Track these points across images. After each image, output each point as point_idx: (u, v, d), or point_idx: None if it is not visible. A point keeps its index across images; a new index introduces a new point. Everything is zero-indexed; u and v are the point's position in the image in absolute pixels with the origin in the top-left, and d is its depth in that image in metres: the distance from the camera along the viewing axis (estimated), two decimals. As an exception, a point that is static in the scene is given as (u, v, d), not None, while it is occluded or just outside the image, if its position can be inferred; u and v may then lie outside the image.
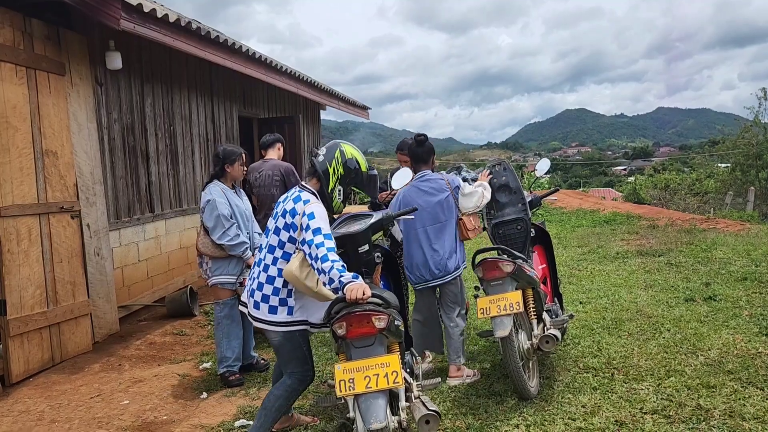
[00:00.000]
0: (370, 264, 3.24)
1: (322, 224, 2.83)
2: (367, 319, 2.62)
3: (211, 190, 4.28)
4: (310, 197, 2.99)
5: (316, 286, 2.88)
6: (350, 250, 3.15)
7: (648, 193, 24.18)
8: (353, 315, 2.62)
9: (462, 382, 4.14)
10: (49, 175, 4.80)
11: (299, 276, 2.84)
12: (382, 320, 2.62)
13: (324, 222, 2.85)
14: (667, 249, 8.56)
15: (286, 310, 3.06)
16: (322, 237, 2.77)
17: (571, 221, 12.55)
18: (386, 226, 3.44)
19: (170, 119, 6.91)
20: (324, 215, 2.90)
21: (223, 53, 6.53)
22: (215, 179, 4.38)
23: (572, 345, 4.78)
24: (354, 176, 3.14)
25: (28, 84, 4.61)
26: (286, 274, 2.89)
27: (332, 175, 3.07)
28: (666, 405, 3.61)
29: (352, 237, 3.16)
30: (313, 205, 2.92)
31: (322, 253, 2.74)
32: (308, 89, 9.69)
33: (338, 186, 3.09)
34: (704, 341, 4.63)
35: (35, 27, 4.72)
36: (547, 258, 4.75)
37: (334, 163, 3.08)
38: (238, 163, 4.38)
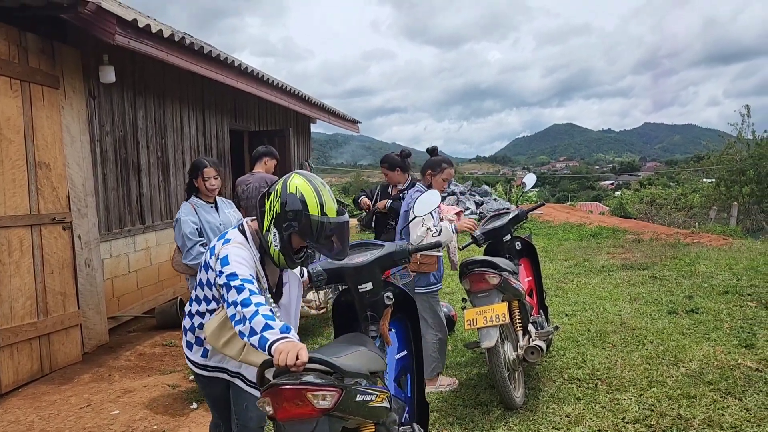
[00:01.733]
0: (378, 307, 2.64)
1: (238, 268, 2.16)
2: (300, 396, 1.84)
3: (180, 210, 4.20)
4: (234, 236, 2.35)
5: (240, 353, 2.29)
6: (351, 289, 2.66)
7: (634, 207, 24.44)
8: (280, 390, 1.85)
9: (438, 390, 4.25)
10: (42, 187, 4.84)
11: (216, 344, 2.31)
12: (327, 398, 1.86)
13: (241, 267, 2.18)
14: (651, 263, 8.70)
15: (201, 351, 2.52)
16: (239, 281, 2.12)
17: (558, 235, 12.69)
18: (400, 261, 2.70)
19: (162, 132, 6.98)
20: (244, 258, 2.23)
21: (216, 67, 6.62)
22: (192, 195, 4.31)
23: (557, 356, 4.86)
24: (293, 220, 2.24)
25: (23, 97, 4.67)
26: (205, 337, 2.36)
27: (267, 212, 2.31)
28: (647, 415, 3.70)
29: (350, 272, 2.62)
30: (233, 246, 2.27)
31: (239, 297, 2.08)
32: (298, 103, 9.80)
33: (273, 228, 2.29)
34: (686, 353, 4.74)
35: (30, 41, 4.79)
36: (533, 271, 4.84)
37: (272, 197, 2.31)
38: (200, 177, 4.20)
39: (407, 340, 2.84)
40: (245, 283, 2.12)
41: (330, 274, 2.66)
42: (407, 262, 2.71)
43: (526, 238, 4.87)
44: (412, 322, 2.85)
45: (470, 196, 15.30)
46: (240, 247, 2.28)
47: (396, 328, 2.81)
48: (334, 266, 2.63)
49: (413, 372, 2.84)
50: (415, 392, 2.83)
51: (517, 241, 4.69)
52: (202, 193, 4.25)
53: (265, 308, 2.04)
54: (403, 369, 2.80)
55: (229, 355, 2.31)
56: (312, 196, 2.25)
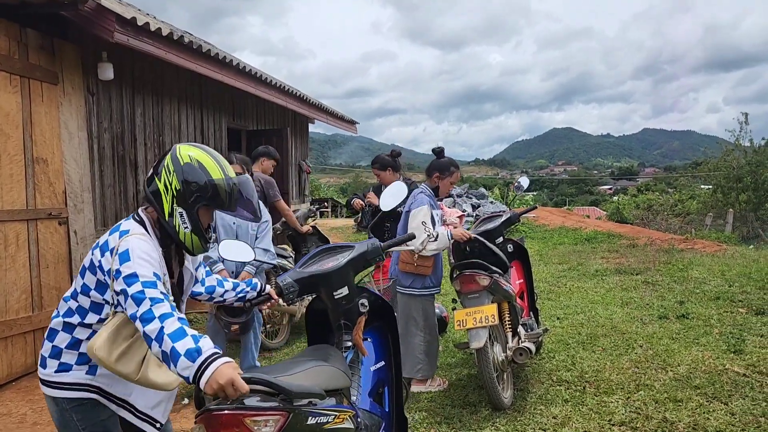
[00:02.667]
0: (352, 315, 2.44)
1: (140, 267, 1.84)
2: (238, 422, 1.63)
3: None
4: (133, 227, 1.99)
5: (138, 372, 1.92)
6: (325, 297, 2.45)
7: (631, 212, 24.55)
8: (215, 415, 1.64)
9: (427, 390, 4.29)
10: (39, 182, 4.87)
11: (106, 358, 1.86)
12: (270, 423, 1.66)
13: (144, 265, 1.85)
14: (645, 268, 8.76)
15: (57, 365, 2.04)
16: (140, 286, 1.80)
17: (553, 239, 12.75)
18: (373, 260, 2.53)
19: (160, 129, 7.01)
20: (149, 254, 1.90)
21: (214, 66, 6.66)
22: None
23: (547, 359, 4.91)
24: (199, 191, 1.98)
25: (22, 92, 4.70)
26: (89, 352, 1.90)
27: (164, 193, 1.99)
28: (633, 417, 3.75)
29: (324, 278, 2.41)
30: (135, 239, 1.92)
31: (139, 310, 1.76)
32: (297, 103, 9.83)
33: (177, 209, 1.99)
34: (674, 357, 4.79)
35: (30, 37, 4.82)
36: (524, 273, 4.89)
37: (164, 175, 1.99)
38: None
39: (386, 350, 2.60)
40: (146, 288, 1.79)
41: (302, 285, 2.42)
42: (381, 260, 2.55)
43: (518, 240, 4.92)
44: (391, 332, 2.62)
45: (467, 198, 15.34)
46: (142, 239, 1.94)
47: (373, 338, 2.58)
48: (305, 275, 2.42)
49: (392, 385, 2.60)
50: (393, 406, 2.58)
51: (509, 243, 4.74)
52: None
53: (171, 321, 1.73)
54: (380, 381, 2.57)
55: (125, 372, 1.90)
56: (209, 159, 2.02)
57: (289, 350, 5.52)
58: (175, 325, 1.72)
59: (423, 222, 3.89)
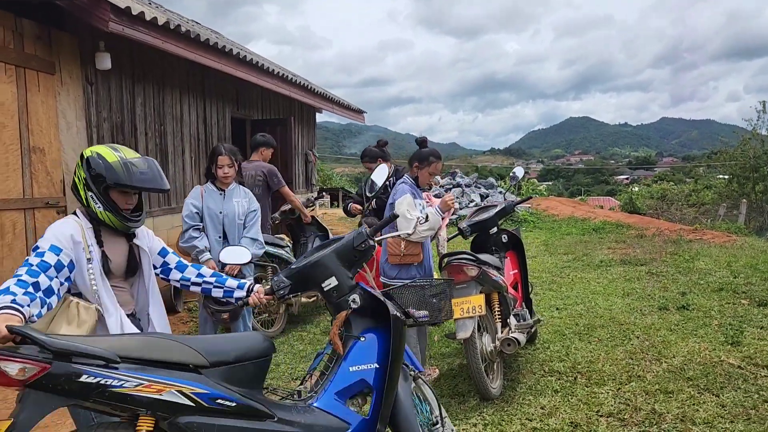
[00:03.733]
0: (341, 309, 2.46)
1: (40, 242, 2.24)
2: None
3: (191, 192, 4.41)
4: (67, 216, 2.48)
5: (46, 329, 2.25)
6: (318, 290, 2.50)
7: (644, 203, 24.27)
8: None
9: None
10: (36, 171, 4.92)
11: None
12: (26, 371, 1.73)
13: (45, 239, 2.25)
14: (650, 258, 8.66)
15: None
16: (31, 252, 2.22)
17: (561, 229, 12.65)
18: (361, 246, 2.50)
19: (161, 119, 7.04)
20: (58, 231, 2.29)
21: (214, 56, 6.66)
22: (209, 180, 4.47)
23: (542, 349, 4.89)
24: (105, 173, 2.33)
25: (17, 82, 4.74)
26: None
27: (78, 184, 2.41)
28: (622, 408, 3.72)
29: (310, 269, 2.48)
30: (55, 222, 2.40)
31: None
32: (301, 92, 9.83)
33: (88, 193, 2.37)
34: (670, 349, 4.74)
35: (26, 27, 4.85)
36: (519, 264, 4.85)
37: (76, 171, 2.43)
38: (213, 164, 4.40)
39: (384, 353, 2.48)
40: (32, 253, 2.20)
41: (294, 280, 2.46)
42: (372, 248, 2.52)
43: (513, 231, 4.89)
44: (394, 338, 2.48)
45: (476, 188, 15.27)
46: (62, 221, 2.38)
47: (372, 339, 2.49)
48: (294, 270, 2.47)
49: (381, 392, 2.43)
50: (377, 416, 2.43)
51: (504, 233, 4.71)
52: (217, 180, 4.35)
53: (10, 279, 2.05)
54: (361, 384, 2.44)
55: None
56: (106, 149, 2.39)
57: (284, 339, 5.54)
58: (6, 283, 2.04)
59: (407, 209, 3.86)
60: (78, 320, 2.29)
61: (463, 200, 14.25)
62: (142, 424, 1.95)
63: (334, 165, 73.49)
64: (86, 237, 2.37)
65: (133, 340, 2.06)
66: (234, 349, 2.24)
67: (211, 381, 2.09)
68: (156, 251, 2.62)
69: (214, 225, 4.37)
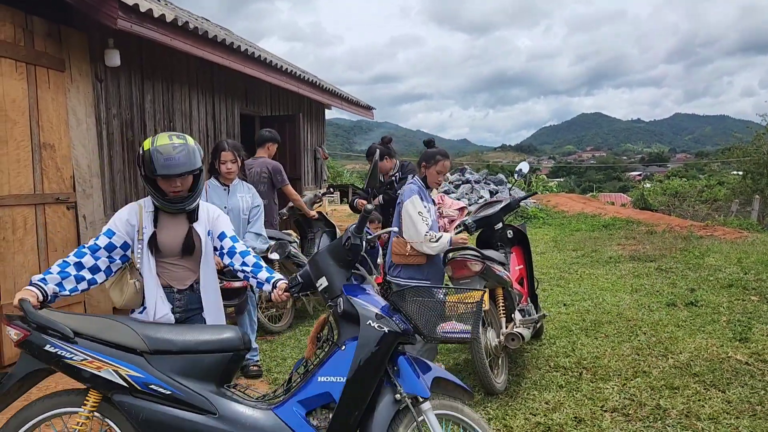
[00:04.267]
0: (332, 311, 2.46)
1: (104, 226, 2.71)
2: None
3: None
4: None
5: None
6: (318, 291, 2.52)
7: (656, 199, 24.10)
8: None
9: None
10: (46, 167, 4.98)
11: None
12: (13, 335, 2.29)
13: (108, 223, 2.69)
14: (660, 254, 8.62)
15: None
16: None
17: (570, 225, 12.61)
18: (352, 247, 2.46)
19: (170, 115, 7.09)
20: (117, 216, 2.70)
21: (222, 53, 6.69)
22: (212, 175, 4.51)
23: (547, 345, 4.89)
24: (141, 163, 2.61)
25: (28, 79, 4.79)
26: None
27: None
28: (627, 404, 3.72)
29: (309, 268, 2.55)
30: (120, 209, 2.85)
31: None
32: (310, 89, 9.84)
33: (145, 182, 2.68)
34: (677, 345, 4.73)
35: (36, 24, 4.90)
36: (525, 259, 4.85)
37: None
38: (216, 160, 4.44)
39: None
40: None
41: (304, 281, 2.52)
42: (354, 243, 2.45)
43: (519, 227, 4.88)
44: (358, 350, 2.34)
45: (485, 185, 15.23)
46: (125, 208, 2.76)
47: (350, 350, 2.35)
48: (304, 269, 2.56)
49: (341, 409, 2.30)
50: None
51: (509, 229, 4.70)
52: (221, 175, 4.40)
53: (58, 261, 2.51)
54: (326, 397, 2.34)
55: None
56: (149, 139, 2.63)
57: (291, 334, 5.58)
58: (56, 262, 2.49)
59: (420, 212, 3.85)
60: (124, 289, 2.69)
61: (472, 197, 14.22)
62: (90, 397, 2.32)
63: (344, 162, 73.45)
64: (143, 219, 2.68)
65: (94, 321, 2.36)
66: (182, 341, 2.34)
67: (152, 367, 2.26)
68: (217, 234, 2.80)
69: None
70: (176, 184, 2.59)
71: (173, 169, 2.52)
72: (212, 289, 2.83)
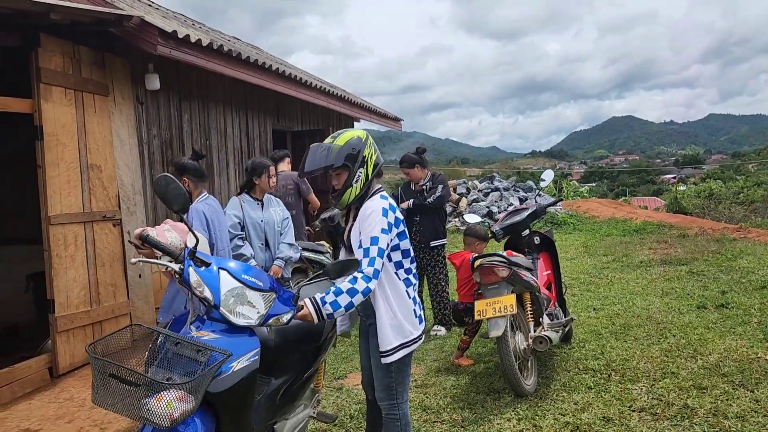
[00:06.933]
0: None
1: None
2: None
3: (229, 203, 4.70)
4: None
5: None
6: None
7: (690, 202, 23.72)
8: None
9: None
10: (93, 187, 5.29)
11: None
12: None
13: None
14: (691, 258, 8.59)
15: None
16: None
17: (601, 230, 12.58)
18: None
19: (206, 134, 7.39)
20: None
21: (255, 72, 6.98)
22: (243, 191, 4.78)
23: (577, 348, 4.98)
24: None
25: (76, 105, 5.12)
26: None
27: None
28: (654, 404, 3.80)
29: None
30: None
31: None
32: (339, 103, 10.10)
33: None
34: (706, 346, 4.77)
35: (83, 53, 5.23)
36: (552, 265, 4.96)
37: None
38: (265, 175, 4.73)
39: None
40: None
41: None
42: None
43: (546, 233, 5.00)
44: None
45: (514, 192, 15.28)
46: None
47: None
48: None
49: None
50: None
51: (536, 235, 4.83)
52: (256, 190, 4.66)
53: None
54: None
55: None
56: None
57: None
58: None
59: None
60: None
61: (502, 204, 14.28)
62: None
63: (374, 172, 73.58)
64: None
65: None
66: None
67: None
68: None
69: (257, 233, 4.68)
70: (334, 180, 2.82)
71: (308, 167, 2.77)
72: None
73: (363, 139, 2.78)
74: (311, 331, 2.94)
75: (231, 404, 2.29)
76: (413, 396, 4.20)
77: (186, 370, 2.18)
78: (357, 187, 2.74)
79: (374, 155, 2.80)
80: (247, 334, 2.42)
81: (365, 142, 2.78)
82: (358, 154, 2.73)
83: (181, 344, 2.24)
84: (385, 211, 2.71)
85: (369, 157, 2.77)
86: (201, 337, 2.34)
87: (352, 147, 2.72)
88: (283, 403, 2.78)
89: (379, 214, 2.69)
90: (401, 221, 2.80)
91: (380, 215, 2.69)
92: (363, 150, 2.74)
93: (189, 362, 2.20)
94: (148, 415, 2.02)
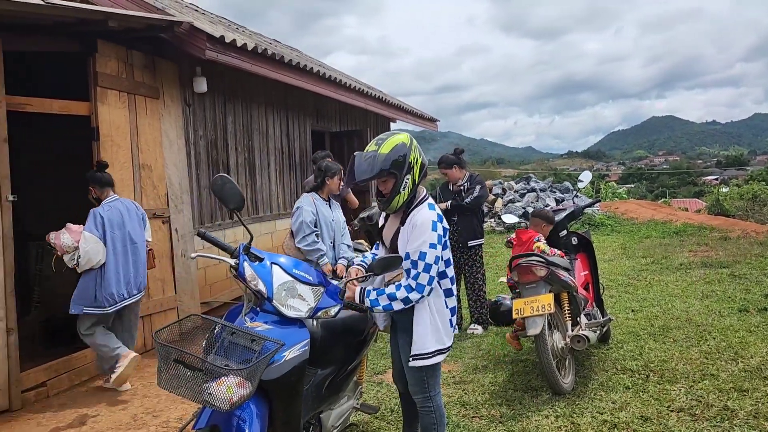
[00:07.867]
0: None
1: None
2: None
3: (302, 199, 4.83)
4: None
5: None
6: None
7: (733, 204, 23.15)
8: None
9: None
10: (145, 186, 5.52)
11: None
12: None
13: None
14: (733, 261, 8.46)
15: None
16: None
17: (640, 232, 12.43)
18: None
19: (249, 134, 7.62)
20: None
21: (296, 74, 7.16)
22: (313, 191, 4.91)
23: (615, 348, 5.00)
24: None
25: (128, 107, 5.36)
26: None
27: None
28: (694, 405, 3.81)
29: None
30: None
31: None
32: (376, 104, 10.24)
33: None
34: (748, 350, 4.74)
35: (135, 58, 5.48)
36: (589, 265, 4.99)
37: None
38: (337, 177, 4.86)
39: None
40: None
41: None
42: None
43: (583, 234, 5.03)
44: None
45: (550, 192, 15.19)
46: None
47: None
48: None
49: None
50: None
51: (574, 236, 4.87)
52: (325, 191, 4.87)
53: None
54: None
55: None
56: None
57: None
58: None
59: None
60: None
61: (538, 205, 14.22)
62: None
63: (408, 172, 73.60)
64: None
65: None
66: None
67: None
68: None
69: (328, 231, 4.81)
70: (382, 186, 2.82)
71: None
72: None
73: (408, 144, 2.77)
74: (355, 325, 3.07)
75: (283, 391, 2.44)
76: (452, 392, 4.30)
77: (242, 358, 2.32)
78: (405, 194, 2.77)
79: (419, 159, 2.81)
80: (297, 326, 2.56)
81: (410, 147, 2.77)
82: (404, 161, 2.73)
83: (236, 334, 2.38)
84: (435, 225, 2.74)
85: (415, 162, 2.77)
86: (255, 327, 2.48)
87: (399, 153, 2.72)
88: (329, 393, 2.91)
89: (428, 229, 2.72)
90: (447, 230, 2.85)
91: (429, 229, 2.72)
92: (409, 155, 2.74)
93: (244, 351, 2.34)
94: (209, 399, 2.17)
